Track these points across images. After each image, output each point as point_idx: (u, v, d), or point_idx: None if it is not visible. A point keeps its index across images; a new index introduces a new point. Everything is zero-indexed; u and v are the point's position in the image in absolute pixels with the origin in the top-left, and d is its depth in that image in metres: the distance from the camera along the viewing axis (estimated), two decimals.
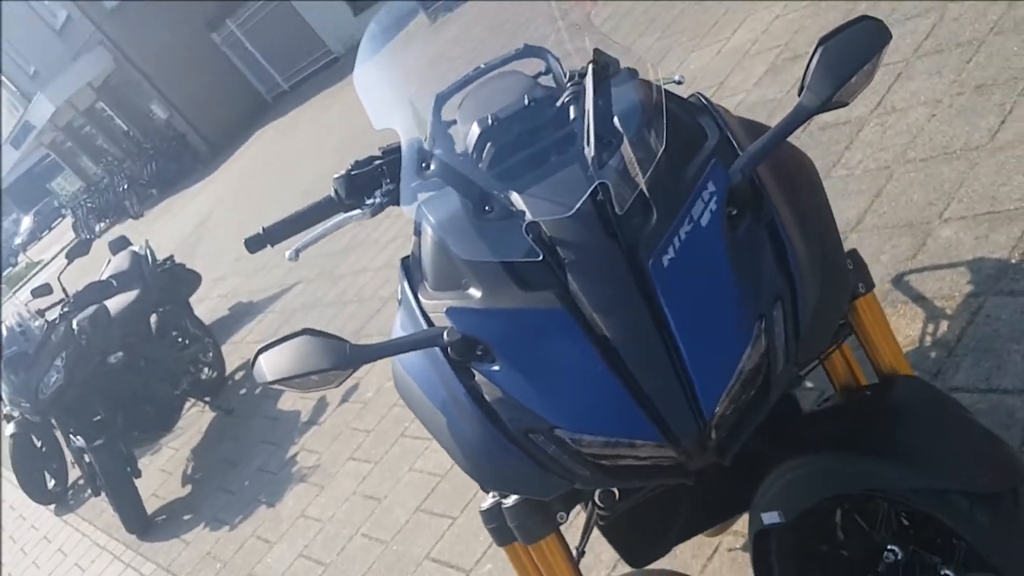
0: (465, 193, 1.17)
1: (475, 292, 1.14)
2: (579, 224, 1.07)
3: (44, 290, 5.38)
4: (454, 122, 1.47)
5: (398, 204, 1.38)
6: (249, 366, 5.64)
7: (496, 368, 1.12)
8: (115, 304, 5.20)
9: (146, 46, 15.96)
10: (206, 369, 5.71)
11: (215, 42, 16.34)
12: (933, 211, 2.41)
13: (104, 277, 5.48)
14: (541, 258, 1.07)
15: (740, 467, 1.26)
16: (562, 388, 1.11)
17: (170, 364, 5.32)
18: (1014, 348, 1.93)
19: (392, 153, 1.56)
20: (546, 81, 1.62)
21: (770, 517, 1.39)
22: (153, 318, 5.51)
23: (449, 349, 1.14)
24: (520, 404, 1.13)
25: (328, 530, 3.35)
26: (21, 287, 16.40)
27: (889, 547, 1.37)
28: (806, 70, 1.15)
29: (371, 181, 1.57)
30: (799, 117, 1.14)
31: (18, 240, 23.53)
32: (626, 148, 1.12)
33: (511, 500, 1.36)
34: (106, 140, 21.00)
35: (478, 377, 1.15)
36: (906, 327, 2.18)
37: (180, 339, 5.72)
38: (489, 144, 1.23)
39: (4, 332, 4.67)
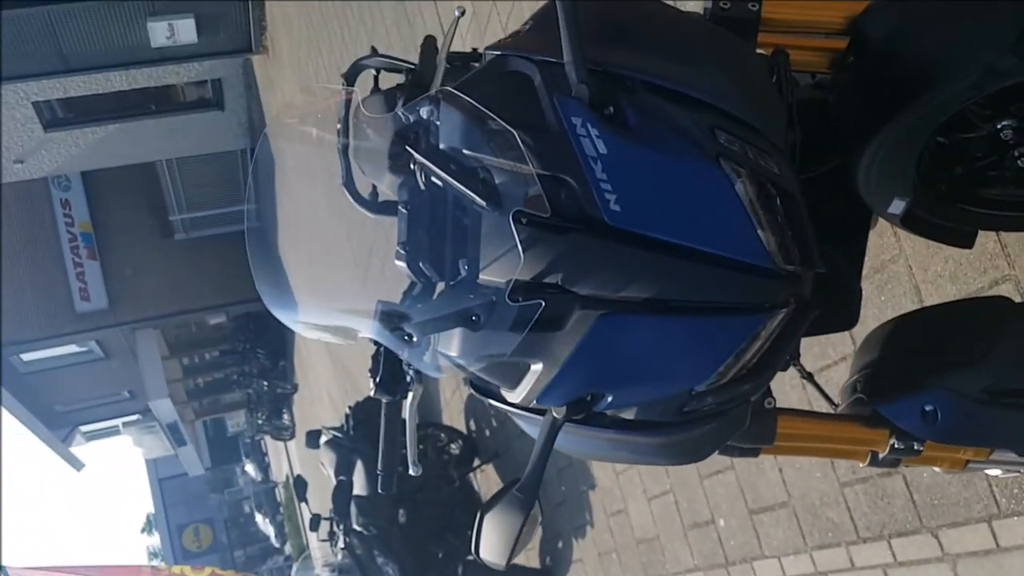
0: (453, 326, 1.18)
1: (537, 366, 1.15)
2: (537, 251, 1.06)
3: (316, 522, 6.05)
4: (395, 204, 1.35)
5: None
6: (470, 416, 6.03)
7: (611, 398, 1.16)
8: (359, 486, 5.72)
9: (155, 295, 16.57)
10: (452, 447, 6.15)
11: (181, 240, 16.73)
12: None
13: (334, 479, 6.02)
14: (542, 304, 1.06)
15: (829, 199, 1.27)
16: (664, 362, 1.14)
17: (432, 474, 5.79)
18: None
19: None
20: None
21: (897, 206, 1.37)
22: None
23: (570, 420, 1.16)
24: (654, 402, 1.19)
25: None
26: (302, 514, 18.05)
27: (999, 126, 1.34)
28: None
29: (394, 367, 1.63)
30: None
31: (259, 480, 25.85)
32: (495, 163, 1.09)
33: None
34: (217, 371, 22.41)
35: (610, 413, 1.20)
36: None
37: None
38: (420, 264, 1.23)
39: None
